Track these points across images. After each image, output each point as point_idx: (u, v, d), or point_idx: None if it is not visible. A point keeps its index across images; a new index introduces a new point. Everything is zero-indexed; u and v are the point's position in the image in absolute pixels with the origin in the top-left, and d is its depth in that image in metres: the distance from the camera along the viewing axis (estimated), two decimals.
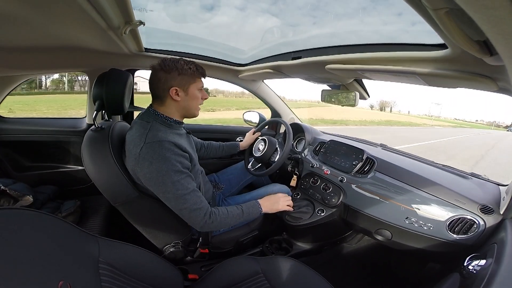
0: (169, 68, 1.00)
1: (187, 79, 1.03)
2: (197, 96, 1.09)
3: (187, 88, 1.05)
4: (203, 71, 1.08)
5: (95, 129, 1.06)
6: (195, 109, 1.12)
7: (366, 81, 1.34)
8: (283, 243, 1.50)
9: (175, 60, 1.01)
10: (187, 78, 1.03)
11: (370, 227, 1.22)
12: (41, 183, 1.62)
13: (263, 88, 1.98)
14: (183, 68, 1.01)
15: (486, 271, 0.66)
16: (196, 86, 1.07)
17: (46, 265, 0.54)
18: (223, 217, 1.06)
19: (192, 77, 1.04)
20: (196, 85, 1.07)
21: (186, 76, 1.02)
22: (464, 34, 0.46)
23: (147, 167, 0.93)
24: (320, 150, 1.56)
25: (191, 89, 1.06)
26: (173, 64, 1.00)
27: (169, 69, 1.00)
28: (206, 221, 1.01)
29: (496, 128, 68.56)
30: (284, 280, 0.94)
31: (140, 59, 1.55)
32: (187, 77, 1.03)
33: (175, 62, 1.01)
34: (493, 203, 0.97)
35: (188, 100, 1.07)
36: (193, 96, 1.07)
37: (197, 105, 1.11)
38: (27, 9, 0.61)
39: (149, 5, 1.03)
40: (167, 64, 1.00)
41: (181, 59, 1.03)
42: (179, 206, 0.98)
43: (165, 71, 1.00)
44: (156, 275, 0.84)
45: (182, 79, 1.02)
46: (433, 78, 0.77)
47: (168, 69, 1.00)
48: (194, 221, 1.01)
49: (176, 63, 1.01)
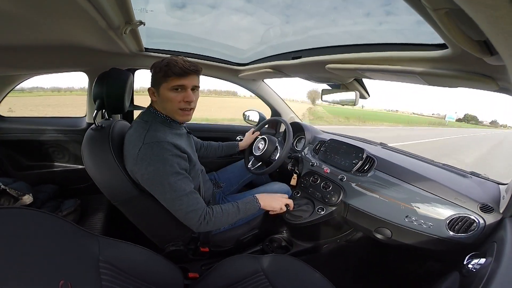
0: (153, 66, 0.99)
1: (159, 79, 0.98)
2: (170, 97, 0.98)
3: (158, 88, 0.99)
4: (177, 70, 0.95)
5: (95, 128, 1.06)
6: (173, 112, 1.02)
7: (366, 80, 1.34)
8: (283, 242, 1.51)
9: (164, 59, 0.98)
10: (159, 77, 0.97)
11: (370, 226, 1.22)
12: (41, 182, 1.62)
13: (263, 87, 1.98)
14: (158, 66, 0.97)
15: (486, 269, 0.67)
16: (167, 86, 0.98)
17: (47, 265, 0.54)
18: (218, 216, 1.04)
19: (164, 76, 0.96)
20: (167, 85, 0.97)
21: (159, 75, 0.97)
22: (464, 34, 0.46)
23: (145, 168, 0.93)
24: (320, 149, 1.56)
25: (162, 90, 0.99)
26: (158, 63, 0.98)
27: (152, 67, 0.99)
28: (201, 222, 1.00)
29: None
30: (284, 278, 0.95)
31: (140, 59, 1.56)
32: (159, 76, 0.97)
33: (162, 60, 0.97)
34: (492, 202, 0.97)
35: (161, 102, 1.01)
36: (164, 97, 0.99)
37: (173, 108, 1.01)
38: (27, 8, 0.61)
39: (149, 5, 1.02)
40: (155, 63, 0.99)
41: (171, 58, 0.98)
42: (175, 207, 0.97)
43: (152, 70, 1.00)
44: (157, 273, 0.84)
45: (154, 79, 1.00)
46: (434, 78, 0.77)
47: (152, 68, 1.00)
48: (189, 222, 1.00)
49: (160, 62, 0.97)
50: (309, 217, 1.35)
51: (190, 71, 0.97)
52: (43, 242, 0.58)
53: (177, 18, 1.24)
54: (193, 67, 0.98)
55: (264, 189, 1.44)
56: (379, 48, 0.86)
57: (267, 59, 1.49)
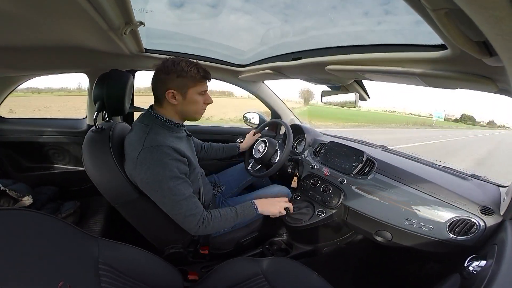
0: (168, 69, 0.96)
1: (185, 82, 0.98)
2: (197, 100, 1.03)
3: (185, 92, 1.00)
4: (205, 74, 1.01)
5: (96, 130, 1.06)
6: (195, 113, 1.07)
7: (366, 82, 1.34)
8: (283, 244, 1.50)
9: (176, 61, 0.97)
10: (186, 81, 0.98)
11: (370, 229, 1.22)
12: (41, 184, 1.62)
13: (263, 89, 1.98)
14: (183, 70, 0.96)
15: (487, 272, 0.66)
16: (196, 90, 1.01)
17: (46, 266, 0.54)
18: (216, 221, 1.04)
19: (192, 80, 0.98)
20: (196, 89, 1.01)
21: (185, 79, 0.97)
22: (463, 35, 0.46)
23: (144, 172, 0.93)
24: (320, 152, 1.56)
25: (190, 93, 1.00)
26: (172, 65, 0.96)
27: (168, 70, 0.96)
28: (200, 226, 1.00)
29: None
30: (284, 281, 0.94)
31: (140, 60, 1.56)
32: (186, 80, 0.98)
33: (176, 63, 0.97)
34: (493, 204, 0.97)
35: (186, 104, 1.02)
36: (191, 100, 1.02)
37: (197, 109, 1.06)
38: (27, 9, 0.61)
39: (149, 5, 1.02)
40: (167, 65, 0.97)
41: (183, 60, 0.98)
42: (174, 211, 0.98)
43: (164, 72, 0.97)
44: (156, 276, 0.83)
45: (180, 82, 0.98)
46: (433, 79, 0.77)
47: (167, 70, 0.96)
48: (188, 226, 1.00)
49: (177, 65, 0.96)
50: (309, 220, 1.34)
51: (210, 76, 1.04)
52: (43, 244, 0.58)
53: (177, 19, 1.25)
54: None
55: (264, 191, 1.44)
56: (378, 49, 0.86)
57: (267, 60, 1.49)
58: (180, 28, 1.38)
